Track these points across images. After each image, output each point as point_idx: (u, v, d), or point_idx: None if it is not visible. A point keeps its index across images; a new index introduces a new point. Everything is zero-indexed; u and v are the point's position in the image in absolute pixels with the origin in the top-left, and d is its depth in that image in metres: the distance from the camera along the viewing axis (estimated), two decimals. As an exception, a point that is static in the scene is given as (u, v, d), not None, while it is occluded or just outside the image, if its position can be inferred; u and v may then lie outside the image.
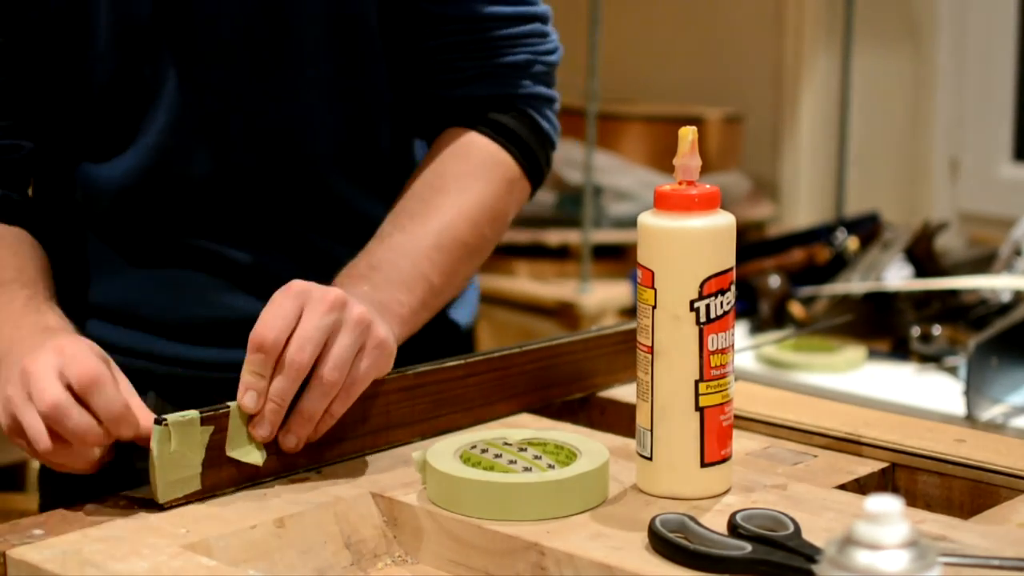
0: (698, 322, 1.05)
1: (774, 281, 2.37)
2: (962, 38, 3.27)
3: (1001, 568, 0.94)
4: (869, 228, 2.57)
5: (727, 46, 3.35)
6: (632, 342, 1.11)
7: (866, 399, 2.05)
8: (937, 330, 2.19)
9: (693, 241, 1.04)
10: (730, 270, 1.06)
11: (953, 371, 2.13)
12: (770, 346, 2.23)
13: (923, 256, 2.40)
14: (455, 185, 1.32)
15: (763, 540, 0.96)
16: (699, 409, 1.06)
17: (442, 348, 1.34)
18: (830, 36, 3.22)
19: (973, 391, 1.95)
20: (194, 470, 1.06)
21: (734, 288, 1.07)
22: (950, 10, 3.28)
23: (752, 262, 2.47)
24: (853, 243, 2.50)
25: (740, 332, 2.30)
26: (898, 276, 2.37)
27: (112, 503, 1.07)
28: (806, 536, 0.96)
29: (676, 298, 1.05)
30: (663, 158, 2.98)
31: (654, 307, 1.06)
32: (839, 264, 2.48)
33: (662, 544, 0.96)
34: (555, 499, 1.03)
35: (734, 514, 0.99)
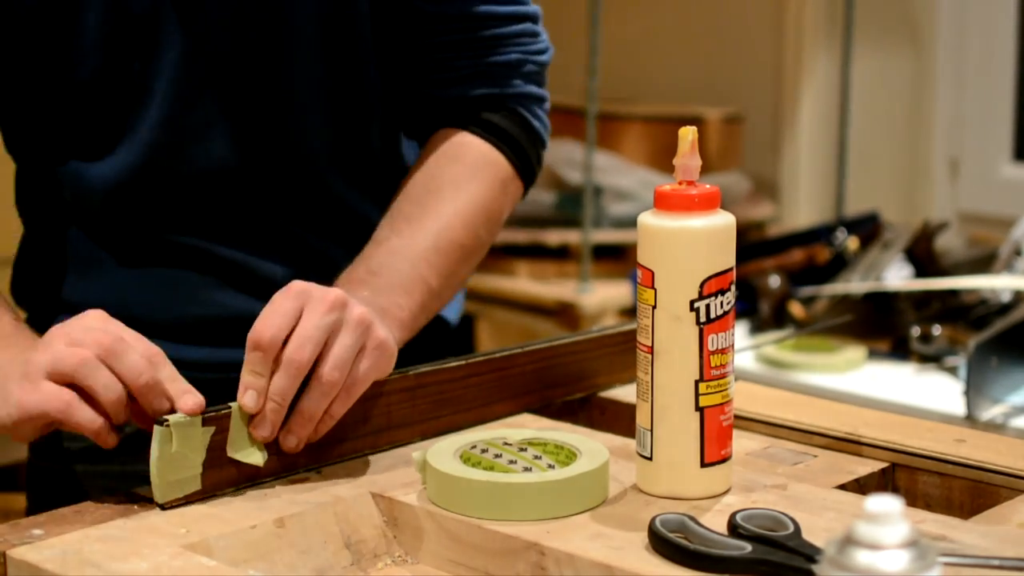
0: (698, 322, 1.05)
1: (774, 281, 2.37)
2: (962, 38, 3.27)
3: (1001, 568, 0.94)
4: (869, 228, 2.57)
5: (727, 46, 3.35)
6: (632, 342, 1.11)
7: (866, 399, 2.05)
8: (937, 330, 2.19)
9: (693, 241, 1.04)
10: (730, 270, 1.06)
11: (953, 371, 2.13)
12: (770, 346, 2.23)
13: (923, 256, 2.40)
14: (450, 187, 1.32)
15: (763, 540, 0.96)
16: (699, 409, 1.06)
17: (434, 346, 1.34)
18: (830, 36, 3.22)
19: (973, 391, 1.95)
20: (195, 470, 1.06)
21: (734, 288, 1.07)
22: (950, 10, 3.28)
23: (752, 262, 2.47)
24: (853, 243, 2.50)
25: (740, 332, 2.30)
26: (898, 276, 2.37)
27: (112, 503, 1.07)
28: (806, 536, 0.96)
29: (676, 298, 1.05)
30: (663, 158, 2.98)
31: (654, 307, 1.06)
32: (839, 264, 2.48)
33: (662, 544, 0.96)
34: (555, 499, 1.03)
35: (734, 514, 0.99)
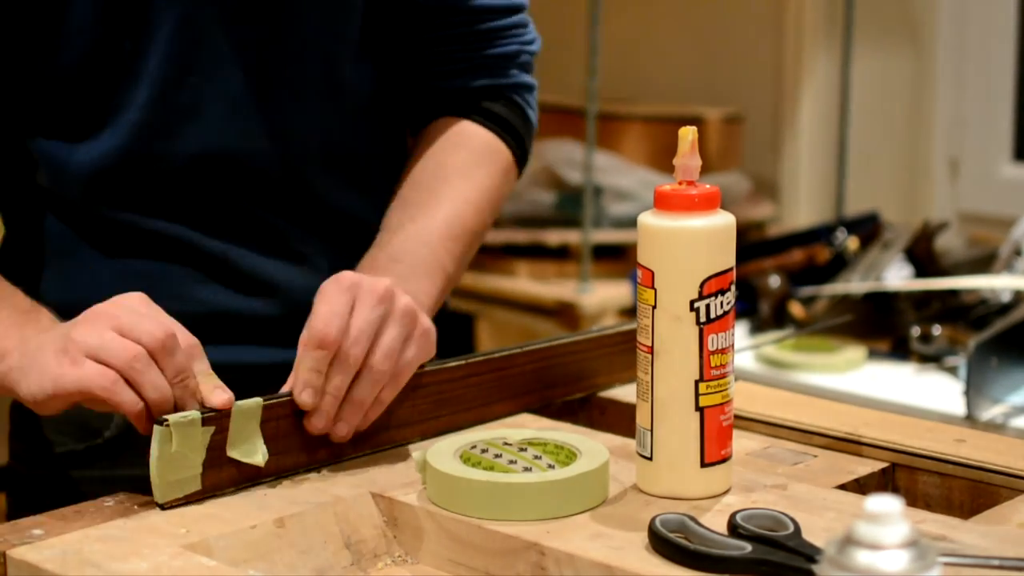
0: (698, 322, 1.05)
1: (774, 281, 2.37)
2: (962, 38, 3.26)
3: (1001, 568, 0.94)
4: (869, 228, 2.57)
5: (727, 46, 3.35)
6: (632, 342, 1.11)
7: (866, 399, 2.05)
8: (937, 330, 2.19)
9: (693, 241, 1.04)
10: (730, 270, 1.06)
11: (953, 371, 2.13)
12: (770, 346, 2.23)
13: (923, 256, 2.40)
14: (458, 174, 1.35)
15: (763, 540, 0.96)
16: (699, 409, 1.06)
17: (445, 333, 1.34)
18: (830, 36, 3.22)
19: (973, 391, 1.95)
20: (194, 470, 1.06)
21: (734, 288, 1.07)
22: (950, 10, 3.28)
23: (752, 262, 2.46)
24: (853, 243, 2.50)
25: (740, 332, 2.30)
26: (898, 276, 2.37)
27: (112, 503, 1.07)
28: (806, 536, 0.96)
29: (676, 298, 1.05)
30: (663, 158, 2.98)
31: (654, 307, 1.06)
32: (839, 264, 2.47)
33: (662, 544, 0.96)
34: (555, 499, 1.03)
35: (734, 514, 0.99)
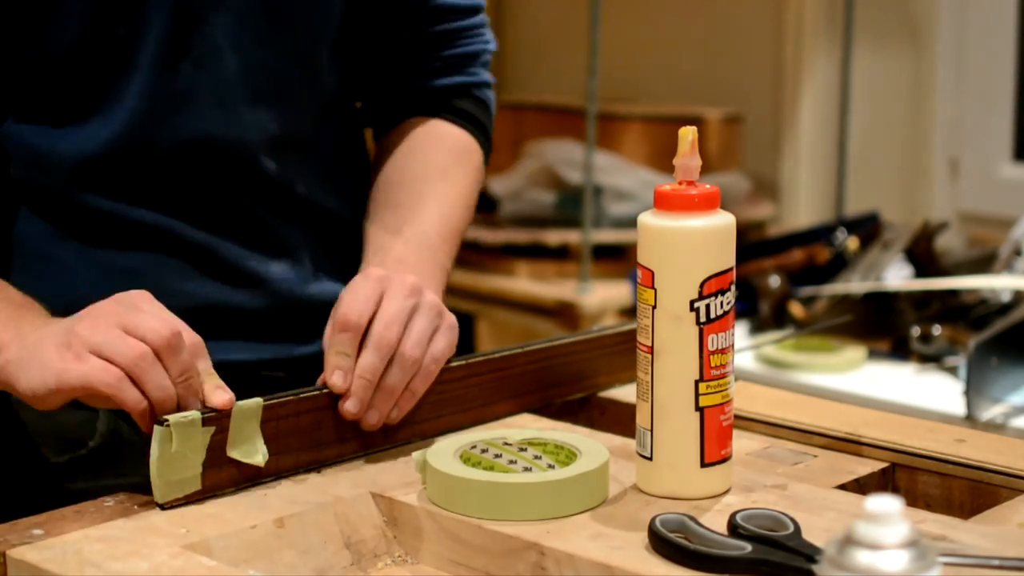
0: (698, 322, 1.05)
1: (774, 281, 2.37)
2: (962, 38, 3.26)
3: (1001, 568, 0.94)
4: (869, 228, 2.57)
5: (727, 46, 3.35)
6: (632, 342, 1.11)
7: (866, 399, 2.05)
8: (937, 330, 2.19)
9: (693, 241, 1.04)
10: (730, 270, 1.06)
11: (953, 371, 2.13)
12: (770, 346, 2.23)
13: (923, 256, 2.40)
14: (440, 174, 1.38)
15: (763, 540, 0.96)
16: (699, 409, 1.06)
17: None
18: (830, 36, 3.22)
19: (973, 391, 1.95)
20: (194, 470, 1.06)
21: (734, 288, 1.07)
22: (950, 10, 3.28)
23: (752, 262, 2.46)
24: (853, 243, 2.50)
25: (740, 332, 2.30)
26: (898, 276, 2.37)
27: (112, 503, 1.07)
28: (806, 536, 0.96)
29: (676, 298, 1.05)
30: (663, 158, 2.98)
31: (654, 307, 1.06)
32: (839, 264, 2.47)
33: (662, 544, 0.96)
34: (555, 499, 1.03)
35: (734, 514, 0.99)
